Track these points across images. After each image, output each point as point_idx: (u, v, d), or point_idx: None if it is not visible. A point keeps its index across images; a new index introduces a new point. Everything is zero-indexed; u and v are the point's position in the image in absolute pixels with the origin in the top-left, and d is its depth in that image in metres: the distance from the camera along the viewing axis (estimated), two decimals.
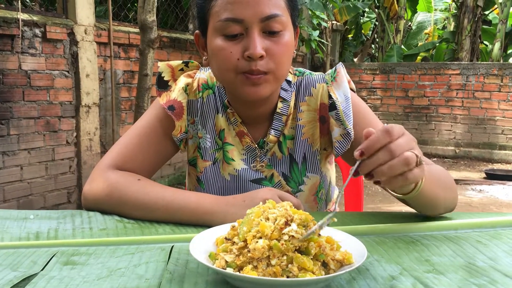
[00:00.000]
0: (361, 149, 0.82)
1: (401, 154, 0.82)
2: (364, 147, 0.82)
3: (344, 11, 9.64)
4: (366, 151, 0.82)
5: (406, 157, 0.82)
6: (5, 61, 3.85)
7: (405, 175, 0.84)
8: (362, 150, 0.82)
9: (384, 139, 0.82)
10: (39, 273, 0.82)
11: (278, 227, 0.77)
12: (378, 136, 0.82)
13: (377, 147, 0.82)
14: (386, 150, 0.82)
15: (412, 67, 8.88)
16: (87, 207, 1.22)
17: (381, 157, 0.82)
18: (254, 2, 1.08)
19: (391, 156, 0.82)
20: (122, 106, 5.13)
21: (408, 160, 0.82)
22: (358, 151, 0.82)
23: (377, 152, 0.82)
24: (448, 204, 1.11)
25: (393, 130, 0.83)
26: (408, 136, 0.86)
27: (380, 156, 0.82)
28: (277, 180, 1.30)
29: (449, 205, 1.12)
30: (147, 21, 4.01)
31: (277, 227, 0.77)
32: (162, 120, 1.29)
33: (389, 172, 0.82)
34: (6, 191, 3.98)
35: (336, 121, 1.24)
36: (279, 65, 1.12)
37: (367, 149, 0.82)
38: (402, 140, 0.83)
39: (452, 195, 1.12)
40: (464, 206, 5.23)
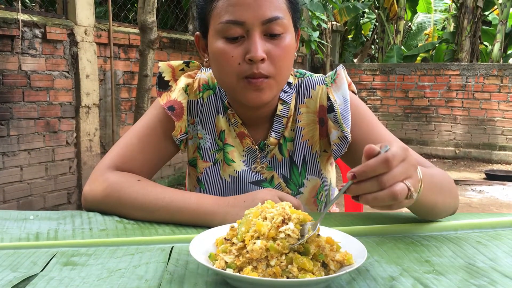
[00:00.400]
0: (354, 172, 0.77)
1: (391, 187, 0.76)
2: (357, 172, 0.77)
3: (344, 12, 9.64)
4: (358, 176, 0.77)
5: (394, 192, 0.76)
6: (5, 62, 3.85)
7: (390, 206, 0.80)
8: (355, 173, 0.77)
9: (380, 170, 0.76)
10: (39, 273, 0.81)
11: (275, 225, 0.77)
12: (375, 165, 0.76)
13: (370, 175, 0.77)
14: (377, 180, 0.77)
15: (412, 67, 8.88)
16: (87, 208, 1.22)
17: (369, 186, 0.77)
18: (255, 4, 1.07)
19: (379, 187, 0.77)
20: (122, 106, 5.13)
21: (396, 195, 0.76)
22: (351, 174, 0.77)
23: (368, 179, 0.77)
24: (448, 209, 1.09)
25: (394, 159, 0.76)
26: (409, 162, 0.80)
27: (368, 185, 0.77)
28: (277, 182, 1.30)
29: (448, 209, 1.09)
30: (147, 22, 4.01)
31: (274, 225, 0.77)
32: (162, 120, 1.29)
33: (373, 203, 0.78)
34: (6, 191, 3.98)
35: (334, 124, 1.23)
36: (280, 68, 1.11)
37: (359, 175, 0.77)
38: (399, 169, 0.78)
39: (453, 199, 1.10)
40: (464, 207, 5.23)
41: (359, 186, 0.78)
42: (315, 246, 0.78)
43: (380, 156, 0.77)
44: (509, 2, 9.50)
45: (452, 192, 1.10)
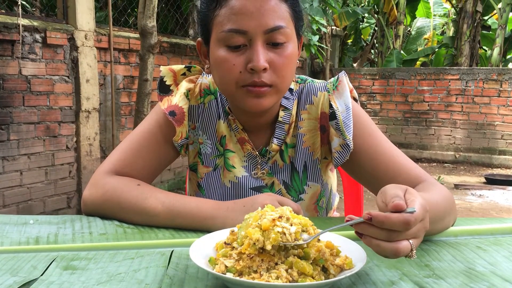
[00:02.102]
0: (372, 216, 0.76)
1: (396, 243, 0.76)
2: (375, 219, 0.76)
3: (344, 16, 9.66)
4: (374, 222, 0.76)
5: (397, 249, 0.76)
6: (5, 66, 3.86)
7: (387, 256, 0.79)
8: (372, 218, 0.76)
9: (397, 228, 0.76)
10: (38, 278, 0.81)
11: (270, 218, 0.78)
12: (395, 222, 0.75)
13: (385, 227, 0.76)
14: (387, 232, 0.76)
15: (411, 72, 8.89)
16: (87, 212, 1.22)
17: (377, 233, 0.77)
18: (258, 13, 1.06)
19: (386, 238, 0.76)
20: (122, 111, 5.13)
21: (398, 253, 0.76)
22: (368, 216, 0.77)
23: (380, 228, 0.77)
24: (446, 227, 1.07)
25: (414, 223, 0.76)
26: (424, 224, 0.80)
27: (377, 232, 0.77)
28: (277, 188, 1.29)
29: (447, 227, 1.08)
30: (147, 27, 4.02)
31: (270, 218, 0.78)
32: (163, 125, 1.28)
33: (374, 249, 0.78)
34: (6, 196, 3.98)
35: (336, 131, 1.23)
36: (282, 78, 1.11)
37: (376, 222, 0.76)
38: (412, 230, 0.77)
39: (451, 219, 1.08)
40: (464, 211, 5.22)
41: (369, 228, 0.78)
42: (315, 251, 0.78)
43: (403, 216, 0.75)
44: (508, 7, 9.52)
45: (452, 211, 1.08)
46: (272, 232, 0.77)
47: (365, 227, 0.78)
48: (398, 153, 1.19)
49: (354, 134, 1.20)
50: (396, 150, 1.20)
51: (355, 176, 1.28)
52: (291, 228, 0.78)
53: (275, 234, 0.76)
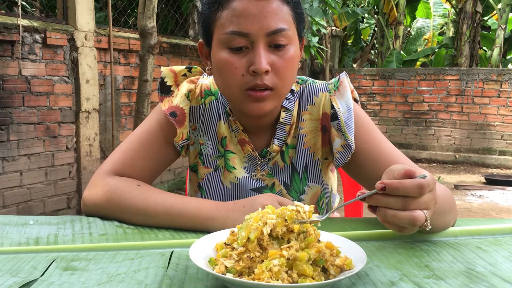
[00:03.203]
0: (385, 184, 0.79)
1: (412, 211, 0.78)
2: (389, 186, 0.78)
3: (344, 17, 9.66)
4: (388, 190, 0.78)
5: (414, 217, 0.78)
6: (5, 67, 3.86)
7: (402, 229, 0.82)
8: (386, 186, 0.78)
9: (412, 193, 0.78)
10: (38, 278, 0.81)
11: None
12: (410, 187, 0.78)
13: (400, 194, 0.78)
14: (403, 199, 0.79)
15: (411, 72, 8.90)
16: (87, 213, 1.22)
17: (393, 202, 0.79)
18: (261, 15, 1.06)
19: (402, 207, 0.79)
20: (122, 111, 5.13)
21: (415, 222, 0.78)
22: (381, 185, 0.79)
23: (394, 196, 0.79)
24: (446, 226, 1.08)
25: (427, 187, 0.78)
26: (434, 194, 0.82)
27: (392, 200, 0.79)
28: (278, 189, 1.29)
29: (447, 226, 1.08)
30: (147, 27, 4.02)
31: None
32: (163, 126, 1.28)
33: (390, 220, 0.80)
34: (6, 196, 3.98)
35: (337, 132, 1.23)
36: (284, 80, 1.11)
37: (390, 189, 0.78)
38: (425, 198, 0.80)
39: (451, 217, 1.09)
40: (464, 212, 5.22)
41: (383, 198, 0.80)
42: (315, 251, 0.78)
43: (417, 180, 0.78)
44: (508, 7, 9.53)
45: (452, 209, 1.09)
46: (287, 210, 0.79)
47: (378, 198, 0.80)
48: (398, 153, 1.19)
49: (355, 134, 1.20)
50: (396, 151, 1.20)
51: (355, 177, 1.28)
52: (305, 207, 0.81)
53: (291, 212, 0.78)
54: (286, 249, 0.77)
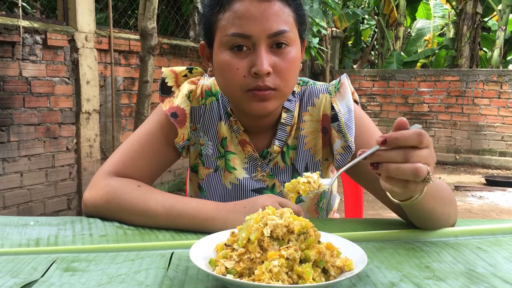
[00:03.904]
0: (385, 137, 0.80)
1: (414, 163, 0.79)
2: (389, 138, 0.80)
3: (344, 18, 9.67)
4: (388, 142, 0.80)
5: (417, 168, 0.79)
6: (6, 68, 3.86)
7: (406, 184, 0.83)
8: (386, 138, 0.80)
9: (412, 141, 0.80)
10: (39, 279, 0.82)
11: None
12: (409, 135, 0.80)
13: (401, 144, 0.80)
14: (404, 152, 0.80)
15: (411, 73, 8.90)
16: (87, 214, 1.22)
17: (395, 155, 0.81)
18: (262, 17, 1.06)
19: (405, 160, 0.80)
20: (122, 112, 5.13)
21: (418, 172, 0.79)
22: (382, 138, 0.80)
23: (396, 149, 0.81)
24: (447, 218, 1.08)
25: (424, 138, 0.81)
26: (432, 151, 0.84)
27: (394, 154, 0.81)
28: (278, 190, 1.29)
29: (448, 219, 1.09)
30: (148, 28, 4.02)
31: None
32: (164, 127, 1.28)
33: (394, 173, 0.81)
34: (6, 197, 3.98)
35: (337, 133, 1.23)
36: (286, 81, 1.11)
37: (390, 141, 0.80)
38: (425, 152, 0.81)
39: (451, 211, 1.09)
40: (465, 213, 5.22)
41: (384, 153, 0.81)
42: (315, 252, 0.78)
43: (415, 129, 0.81)
44: (508, 8, 9.53)
45: (452, 204, 1.10)
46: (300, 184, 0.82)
47: (380, 154, 0.82)
48: None
49: (356, 135, 1.20)
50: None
51: (356, 178, 1.28)
52: (314, 176, 0.83)
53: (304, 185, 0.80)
54: (285, 249, 0.77)
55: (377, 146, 0.82)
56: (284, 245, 0.79)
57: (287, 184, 0.86)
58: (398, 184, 0.83)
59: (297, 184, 0.84)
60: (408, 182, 0.82)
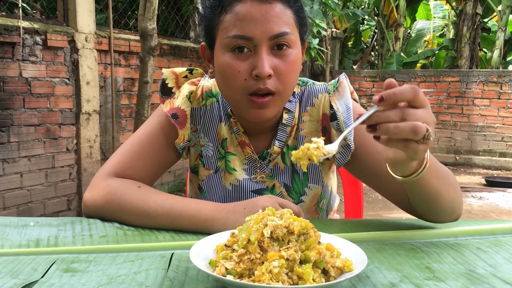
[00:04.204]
0: (382, 94, 0.80)
1: (413, 121, 0.80)
2: (386, 94, 0.80)
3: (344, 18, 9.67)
4: (386, 99, 0.80)
5: (415, 125, 0.79)
6: (6, 69, 3.86)
7: (407, 144, 0.82)
8: (383, 95, 0.80)
9: (408, 94, 0.80)
10: (39, 280, 0.81)
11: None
12: (404, 89, 0.80)
13: (399, 99, 0.80)
14: (401, 111, 0.80)
15: (411, 74, 8.90)
16: (87, 214, 1.22)
17: (393, 115, 0.80)
18: (264, 20, 1.07)
19: (402, 118, 0.80)
20: (122, 113, 5.13)
21: (416, 129, 0.79)
22: (379, 96, 0.80)
23: (393, 109, 0.81)
24: (450, 206, 1.06)
25: (419, 92, 0.81)
26: (430, 111, 0.83)
27: (392, 113, 0.80)
28: (278, 191, 1.29)
29: (451, 207, 1.07)
30: (148, 29, 4.02)
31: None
32: (165, 128, 1.28)
33: (393, 132, 0.80)
34: (6, 198, 3.98)
35: (337, 132, 1.23)
36: (286, 84, 1.11)
37: (387, 97, 0.80)
38: (422, 112, 0.81)
39: (455, 196, 1.07)
40: (465, 213, 5.22)
41: (382, 113, 0.81)
42: (315, 253, 0.78)
43: (409, 85, 0.81)
44: (508, 9, 9.53)
45: (456, 188, 1.08)
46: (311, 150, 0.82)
47: (378, 115, 0.81)
48: None
49: (355, 133, 1.20)
50: None
51: (358, 175, 1.28)
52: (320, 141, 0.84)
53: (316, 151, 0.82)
54: (285, 250, 0.77)
55: (375, 107, 0.82)
56: (284, 246, 0.79)
57: (295, 152, 0.84)
58: (399, 145, 0.83)
59: (307, 151, 0.83)
60: (409, 142, 0.82)
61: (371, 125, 0.82)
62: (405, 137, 0.81)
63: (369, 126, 0.83)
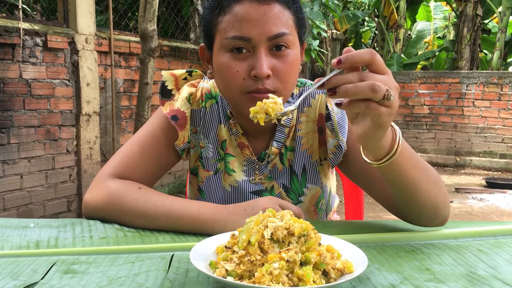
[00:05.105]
0: (340, 57, 0.80)
1: (371, 81, 0.79)
2: (343, 57, 0.80)
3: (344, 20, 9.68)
4: (344, 61, 0.79)
5: (373, 83, 0.78)
6: (6, 70, 3.86)
7: (368, 104, 0.80)
8: (341, 58, 0.80)
9: (365, 56, 0.80)
10: (39, 282, 0.81)
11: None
12: (361, 52, 0.80)
13: (356, 60, 0.79)
14: (361, 73, 0.80)
15: (412, 75, 8.90)
16: (88, 216, 1.22)
17: (351, 76, 0.80)
18: (262, 20, 1.07)
19: (360, 79, 0.79)
20: (123, 114, 5.13)
21: (375, 87, 0.78)
22: (337, 59, 0.80)
23: (353, 72, 0.80)
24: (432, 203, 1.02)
25: (377, 56, 0.81)
26: (391, 78, 0.83)
27: (350, 75, 0.80)
28: (277, 192, 1.29)
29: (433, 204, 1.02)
30: (148, 30, 4.03)
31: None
32: (165, 129, 1.29)
33: (351, 92, 0.79)
34: (6, 199, 3.98)
35: (331, 132, 1.23)
36: (285, 84, 1.11)
37: (345, 59, 0.79)
38: (382, 76, 0.81)
39: (440, 195, 1.03)
40: (465, 215, 5.22)
41: (341, 75, 0.81)
42: (316, 255, 0.78)
43: (367, 49, 0.81)
44: (508, 11, 9.54)
45: (440, 187, 1.04)
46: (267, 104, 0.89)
47: (337, 77, 0.81)
48: None
49: (349, 134, 1.21)
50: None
51: (349, 175, 1.28)
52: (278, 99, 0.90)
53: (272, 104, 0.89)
54: (285, 251, 0.77)
55: (335, 71, 0.82)
56: (284, 247, 0.79)
57: (253, 108, 0.89)
58: (360, 107, 0.81)
59: (264, 105, 0.88)
60: (369, 102, 0.80)
61: (331, 89, 0.81)
62: (365, 97, 0.80)
63: (329, 90, 0.81)
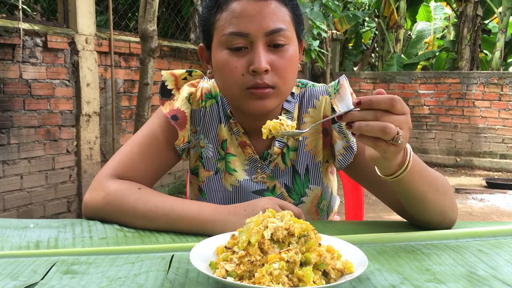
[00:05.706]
0: (360, 99, 0.85)
1: (384, 122, 0.84)
2: (363, 99, 0.85)
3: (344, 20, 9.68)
4: (362, 103, 0.85)
5: (385, 125, 0.84)
6: (6, 70, 3.86)
7: (376, 142, 0.86)
8: (361, 100, 0.85)
9: (383, 104, 0.85)
10: (39, 282, 0.81)
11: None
12: (381, 98, 0.85)
13: (373, 106, 0.85)
14: (376, 112, 0.85)
15: (412, 76, 8.90)
16: (88, 216, 1.22)
17: (367, 115, 0.86)
18: (259, 16, 1.08)
19: (375, 119, 0.85)
20: (123, 115, 5.13)
21: (386, 129, 0.84)
22: (357, 100, 0.85)
23: (370, 110, 0.86)
24: (439, 211, 1.07)
25: (399, 103, 0.85)
26: (408, 118, 0.88)
27: (366, 113, 0.86)
28: (279, 192, 1.29)
29: (440, 213, 1.08)
30: (148, 31, 4.03)
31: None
32: (165, 129, 1.29)
33: (363, 129, 0.85)
34: (6, 200, 3.98)
35: (339, 134, 1.24)
36: (284, 79, 1.12)
37: (364, 102, 0.85)
38: (398, 117, 0.86)
39: (446, 202, 1.08)
40: (465, 215, 5.22)
41: (358, 112, 0.87)
42: (316, 255, 0.78)
43: (389, 95, 0.86)
44: (508, 11, 9.53)
45: (447, 194, 1.09)
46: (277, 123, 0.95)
47: (354, 113, 0.87)
48: None
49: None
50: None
51: (355, 177, 1.29)
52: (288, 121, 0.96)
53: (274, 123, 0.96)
54: (285, 252, 0.77)
55: (353, 107, 0.88)
56: (284, 247, 0.79)
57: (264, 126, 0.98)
58: (369, 142, 0.88)
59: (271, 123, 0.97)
60: (378, 140, 0.86)
61: (348, 123, 0.88)
62: (375, 135, 0.86)
63: (346, 124, 0.89)
